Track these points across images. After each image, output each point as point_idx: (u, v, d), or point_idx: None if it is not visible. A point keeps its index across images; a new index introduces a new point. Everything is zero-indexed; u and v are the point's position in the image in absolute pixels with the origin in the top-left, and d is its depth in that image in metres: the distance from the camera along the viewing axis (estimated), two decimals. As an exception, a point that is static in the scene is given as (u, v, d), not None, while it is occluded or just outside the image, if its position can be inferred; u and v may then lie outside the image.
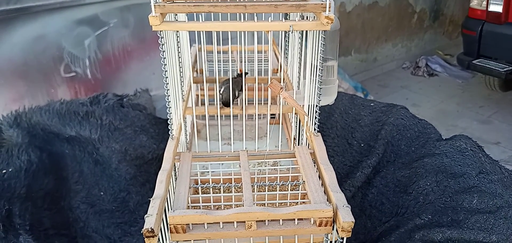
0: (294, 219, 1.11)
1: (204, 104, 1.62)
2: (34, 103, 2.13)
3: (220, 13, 1.26)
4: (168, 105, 1.36)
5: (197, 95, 1.98)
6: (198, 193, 1.39)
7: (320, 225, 1.11)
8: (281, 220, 1.11)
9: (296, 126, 1.68)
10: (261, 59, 2.05)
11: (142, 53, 3.24)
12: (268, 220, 1.11)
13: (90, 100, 2.18)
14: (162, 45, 1.27)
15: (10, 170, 1.72)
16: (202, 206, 1.33)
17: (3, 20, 2.56)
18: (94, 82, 3.05)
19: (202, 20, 1.26)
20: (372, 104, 2.34)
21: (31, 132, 1.96)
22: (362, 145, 2.17)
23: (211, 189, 1.33)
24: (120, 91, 2.47)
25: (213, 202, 1.38)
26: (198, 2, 1.22)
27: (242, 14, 1.25)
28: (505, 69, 4.04)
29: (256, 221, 1.09)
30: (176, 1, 1.24)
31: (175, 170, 1.41)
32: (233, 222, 1.10)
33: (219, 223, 1.09)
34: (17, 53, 2.67)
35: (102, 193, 1.86)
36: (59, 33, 2.81)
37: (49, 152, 1.89)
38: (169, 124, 1.40)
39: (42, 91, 2.82)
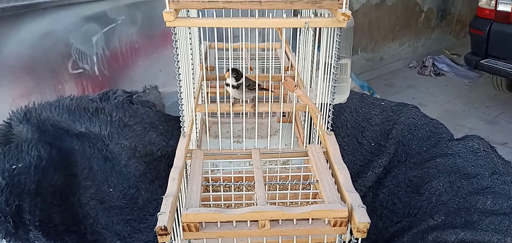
0: (308, 219, 1.10)
1: (214, 101, 1.61)
2: (42, 99, 2.13)
3: (231, 10, 1.24)
4: (180, 102, 1.35)
5: (207, 93, 1.97)
6: (208, 191, 1.38)
7: (334, 225, 1.09)
8: (295, 220, 1.10)
9: (307, 125, 1.67)
10: (272, 58, 2.03)
11: (149, 51, 3.24)
12: (281, 220, 1.09)
13: (99, 96, 2.17)
14: (176, 41, 1.26)
15: (20, 165, 1.71)
16: (213, 204, 1.32)
17: (11, 16, 2.56)
18: (101, 79, 3.06)
19: (214, 17, 1.24)
20: (382, 103, 2.33)
21: (40, 127, 1.96)
22: (372, 144, 2.16)
23: (222, 187, 1.32)
24: (128, 88, 2.47)
25: (224, 200, 1.36)
26: (212, -2, 1.21)
27: (256, 10, 1.23)
28: (513, 69, 4.02)
29: (270, 221, 1.08)
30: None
31: (185, 168, 1.40)
32: (247, 221, 1.08)
33: (232, 221, 1.08)
34: (25, 49, 2.68)
35: (111, 190, 1.86)
36: (67, 30, 2.82)
37: (58, 148, 1.88)
38: (181, 121, 1.39)
39: (50, 88, 2.83)
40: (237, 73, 1.57)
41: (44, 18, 2.71)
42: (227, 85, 1.59)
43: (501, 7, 4.13)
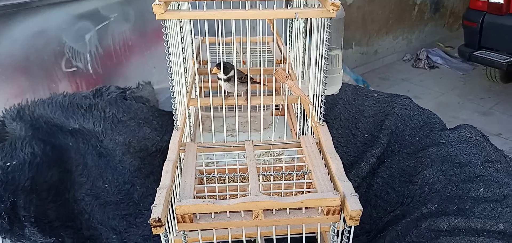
0: (301, 208, 1.11)
1: (207, 95, 1.61)
2: (35, 98, 2.13)
3: (223, 3, 1.25)
4: (173, 95, 1.36)
5: (200, 87, 1.98)
6: (202, 183, 1.39)
7: (327, 214, 1.10)
8: (288, 209, 1.11)
9: (300, 117, 1.68)
10: (264, 51, 2.04)
11: (143, 47, 3.23)
12: (275, 209, 1.10)
13: (93, 93, 2.18)
14: (166, 34, 1.26)
15: (14, 163, 1.71)
16: (207, 196, 1.33)
17: (3, 15, 2.55)
18: (95, 77, 3.05)
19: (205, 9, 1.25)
20: (375, 95, 2.34)
21: (34, 125, 1.96)
22: (366, 135, 2.17)
23: (216, 179, 1.33)
24: (122, 85, 2.48)
25: (218, 192, 1.37)
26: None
27: (246, 2, 1.23)
28: (506, 60, 4.04)
29: (264, 210, 1.09)
30: (180, -10, 1.23)
31: (179, 161, 1.40)
32: (241, 211, 1.09)
33: (226, 212, 1.09)
34: (18, 49, 2.67)
35: (106, 186, 1.86)
36: (60, 28, 2.81)
37: (52, 145, 1.88)
38: (174, 115, 1.39)
39: (44, 86, 2.82)
40: (225, 66, 1.58)
41: (37, 16, 2.70)
42: (219, 79, 1.60)
43: (493, -1, 4.15)
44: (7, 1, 2.54)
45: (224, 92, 1.61)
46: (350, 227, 1.08)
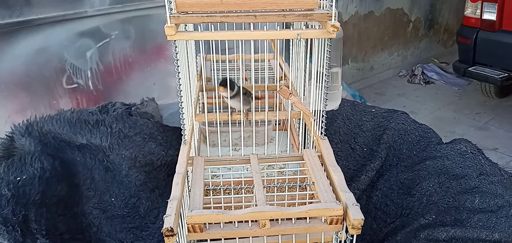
0: (306, 218, 1.16)
1: (211, 111, 1.67)
2: (37, 114, 2.17)
3: (226, 23, 1.31)
4: (181, 111, 1.41)
5: (203, 103, 2.03)
6: (209, 195, 1.43)
7: (331, 223, 1.15)
8: (293, 219, 1.16)
9: (302, 132, 1.73)
10: (265, 68, 2.10)
11: (143, 64, 3.27)
12: (281, 219, 1.15)
13: (99, 109, 2.23)
14: (176, 54, 1.32)
15: (24, 177, 1.75)
16: (213, 207, 1.38)
17: (6, 33, 2.59)
18: (96, 93, 3.08)
19: (211, 30, 1.31)
20: (373, 110, 2.40)
21: (43, 140, 2.00)
22: (365, 149, 2.23)
23: (222, 191, 1.38)
24: (122, 101, 2.51)
25: (224, 204, 1.42)
26: (210, 13, 1.27)
27: (251, 24, 1.30)
28: (500, 76, 4.09)
29: (270, 220, 1.14)
30: (189, 12, 1.29)
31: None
32: (248, 221, 1.14)
33: (234, 222, 1.14)
34: (19, 66, 2.69)
35: (113, 199, 1.90)
36: (61, 45, 2.84)
37: (61, 160, 1.92)
38: (182, 130, 1.45)
39: (45, 103, 2.85)
40: (230, 83, 1.63)
41: (39, 34, 2.73)
42: (226, 97, 1.65)
43: (486, 16, 4.21)
44: (10, 19, 2.57)
45: (230, 108, 1.67)
46: (352, 236, 1.13)
